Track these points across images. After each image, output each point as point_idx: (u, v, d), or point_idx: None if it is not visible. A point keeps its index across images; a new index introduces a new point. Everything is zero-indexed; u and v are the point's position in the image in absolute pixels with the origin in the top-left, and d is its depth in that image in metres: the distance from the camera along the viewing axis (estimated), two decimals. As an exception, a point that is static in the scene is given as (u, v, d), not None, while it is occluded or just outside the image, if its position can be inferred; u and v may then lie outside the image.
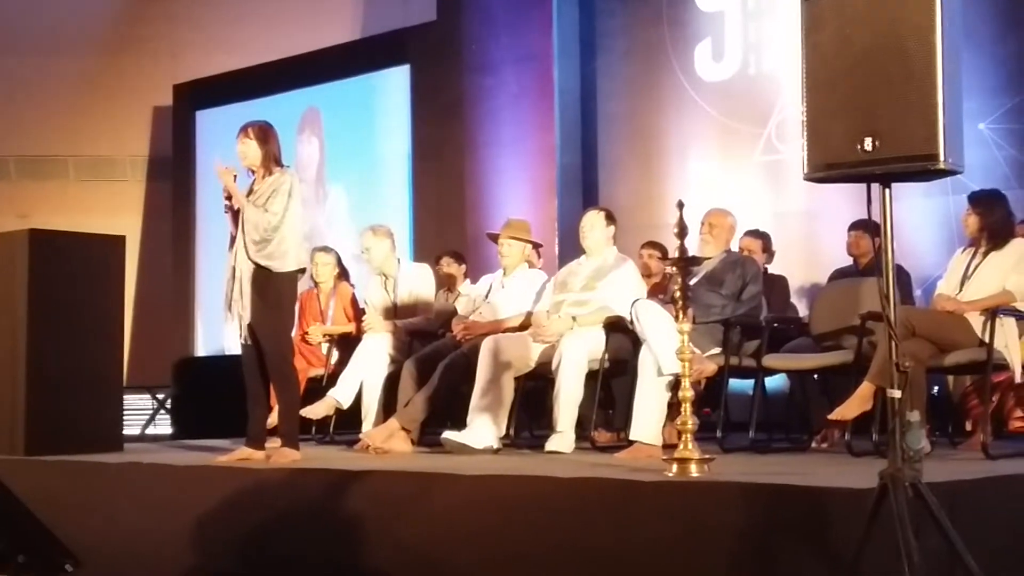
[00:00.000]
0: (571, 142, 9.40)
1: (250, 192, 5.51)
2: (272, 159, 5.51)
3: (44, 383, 6.05)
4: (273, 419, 5.75)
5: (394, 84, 10.65)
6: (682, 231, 4.42)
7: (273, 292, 5.39)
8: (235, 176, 5.49)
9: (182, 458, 5.80)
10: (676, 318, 4.48)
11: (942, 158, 3.01)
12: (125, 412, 6.90)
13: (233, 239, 5.50)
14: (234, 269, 5.42)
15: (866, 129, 3.12)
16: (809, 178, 3.25)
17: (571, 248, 7.84)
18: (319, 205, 11.06)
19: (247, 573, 4.71)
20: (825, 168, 3.21)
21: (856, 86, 3.15)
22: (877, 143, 3.10)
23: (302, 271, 5.61)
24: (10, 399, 6.09)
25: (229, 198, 5.46)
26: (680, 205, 4.42)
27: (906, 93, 3.07)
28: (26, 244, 6.13)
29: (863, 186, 3.25)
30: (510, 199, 9.43)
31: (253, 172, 5.55)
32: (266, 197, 5.41)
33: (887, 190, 3.18)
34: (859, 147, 3.12)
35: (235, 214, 5.47)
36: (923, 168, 3.07)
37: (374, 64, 10.87)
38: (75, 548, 4.44)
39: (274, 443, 5.50)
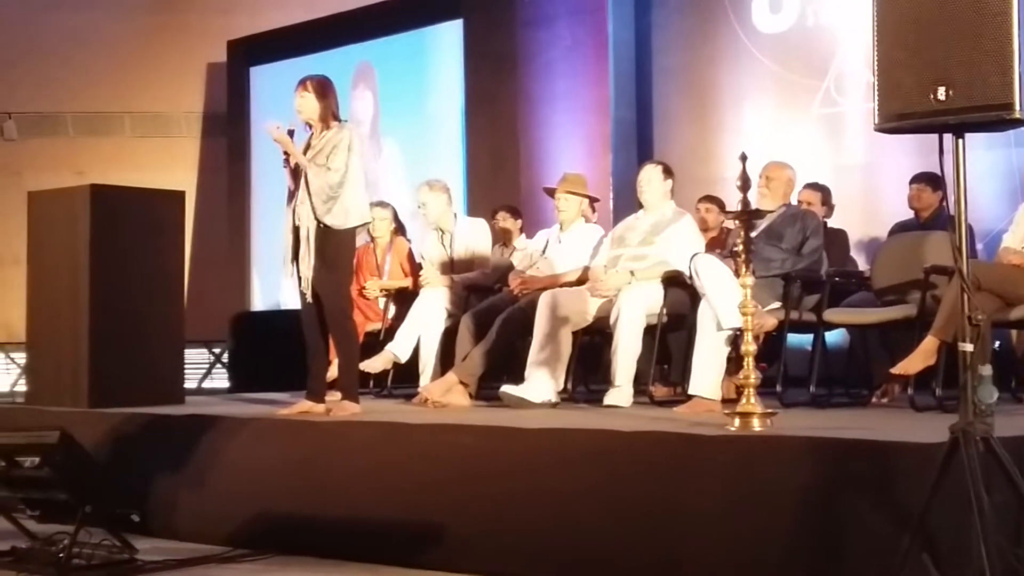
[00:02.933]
0: (626, 96, 9.32)
1: (307, 147, 5.50)
2: (330, 113, 5.50)
3: (107, 337, 6.13)
4: (332, 373, 5.79)
5: (447, 38, 10.60)
6: (745, 184, 4.38)
7: (333, 248, 5.41)
8: (292, 131, 5.48)
9: (243, 411, 5.86)
10: (738, 272, 4.45)
11: (1018, 107, 2.95)
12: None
13: (291, 194, 5.51)
14: (297, 228, 5.42)
15: (939, 78, 3.05)
16: (880, 128, 3.19)
17: (626, 203, 7.80)
18: (375, 160, 11.06)
19: (307, 524, 4.76)
20: (897, 118, 3.15)
21: (929, 34, 3.09)
22: (950, 92, 3.04)
23: (363, 225, 5.62)
24: (74, 353, 6.18)
25: (287, 153, 5.46)
26: (743, 158, 4.38)
27: (980, 41, 3.00)
28: (88, 199, 6.19)
29: (924, 139, 3.19)
30: (564, 154, 9.38)
31: (310, 126, 5.54)
32: (326, 153, 5.40)
33: (960, 140, 3.12)
34: (932, 96, 3.06)
35: (294, 169, 5.48)
36: (998, 118, 3.00)
37: (427, 18, 10.82)
38: (140, 499, 4.53)
39: (334, 396, 5.55)
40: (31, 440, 4.48)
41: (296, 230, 5.43)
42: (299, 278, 5.46)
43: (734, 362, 5.19)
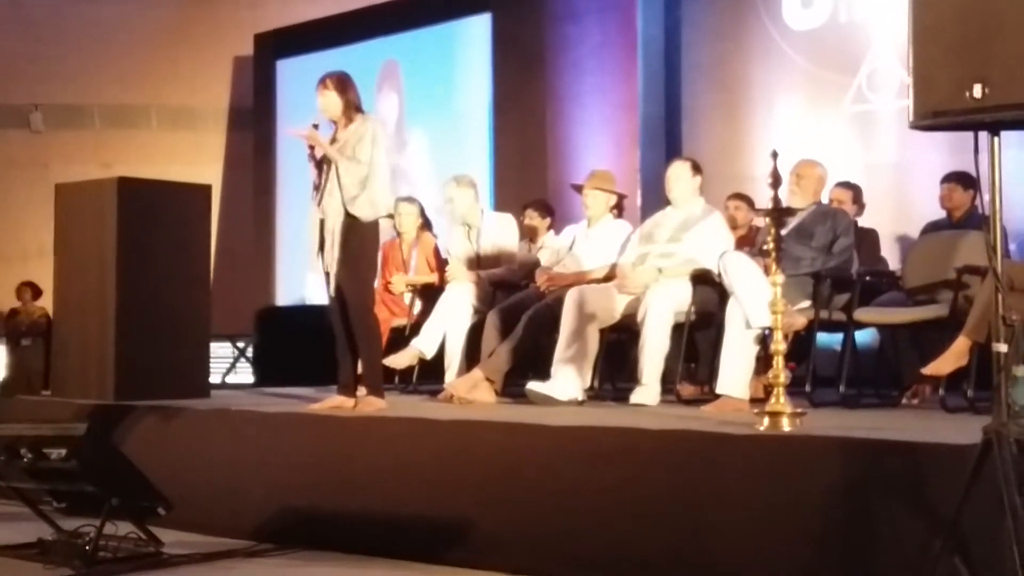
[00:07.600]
0: (654, 92, 9.26)
1: (332, 141, 5.47)
2: (352, 108, 5.49)
3: (133, 330, 6.14)
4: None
5: (475, 33, 10.58)
6: (776, 181, 4.34)
7: (357, 241, 5.39)
8: (316, 125, 5.46)
9: (269, 405, 5.85)
10: (768, 270, 4.41)
11: (1056, 105, 2.91)
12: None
13: (316, 188, 5.49)
14: (323, 221, 5.41)
15: (976, 75, 3.01)
16: (915, 126, 3.15)
17: (653, 200, 7.76)
18: (399, 154, 11.03)
19: (333, 519, 4.75)
20: (932, 116, 3.10)
21: (966, 31, 3.04)
22: (987, 90, 2.99)
23: (387, 216, 5.62)
24: (100, 345, 6.19)
25: (313, 147, 5.45)
26: (774, 155, 4.33)
27: (1019, 38, 2.96)
28: (115, 192, 6.20)
29: (957, 137, 3.14)
30: (592, 150, 9.35)
31: (335, 123, 5.52)
32: (352, 146, 5.39)
33: (996, 138, 3.08)
34: (968, 94, 3.01)
35: (319, 163, 5.47)
36: (1035, 116, 2.96)
37: (455, 13, 10.80)
38: (167, 492, 4.52)
39: (363, 392, 5.53)
40: (58, 432, 4.49)
41: (323, 223, 5.42)
42: (326, 272, 5.45)
43: (763, 361, 5.15)
